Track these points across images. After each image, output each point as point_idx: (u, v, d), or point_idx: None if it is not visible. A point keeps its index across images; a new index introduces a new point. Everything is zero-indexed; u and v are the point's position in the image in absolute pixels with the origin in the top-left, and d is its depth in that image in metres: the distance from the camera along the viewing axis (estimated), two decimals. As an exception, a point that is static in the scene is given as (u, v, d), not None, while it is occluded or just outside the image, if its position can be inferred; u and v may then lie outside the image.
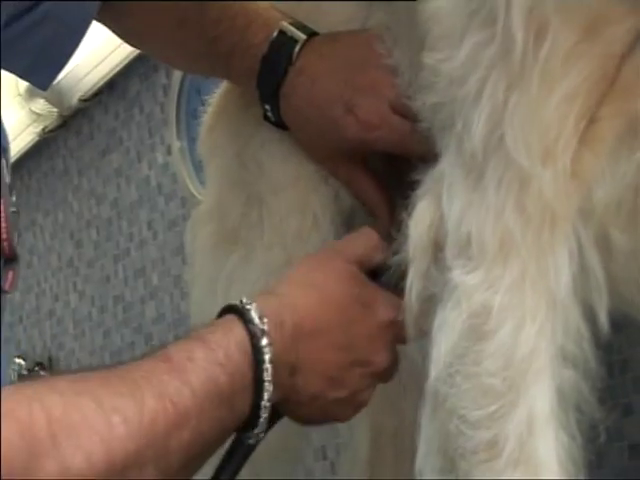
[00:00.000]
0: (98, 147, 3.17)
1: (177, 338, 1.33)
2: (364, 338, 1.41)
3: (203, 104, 2.29)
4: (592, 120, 1.11)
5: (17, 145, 3.21)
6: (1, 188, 1.50)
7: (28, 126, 3.29)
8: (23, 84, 3.11)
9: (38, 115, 3.23)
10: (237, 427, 1.34)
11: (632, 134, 1.11)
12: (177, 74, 2.73)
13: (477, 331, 1.17)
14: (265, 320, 1.31)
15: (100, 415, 1.16)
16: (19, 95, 3.19)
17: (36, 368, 2.96)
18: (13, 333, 2.66)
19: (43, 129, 3.29)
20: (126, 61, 2.90)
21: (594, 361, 1.19)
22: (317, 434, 1.61)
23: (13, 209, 1.50)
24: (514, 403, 1.15)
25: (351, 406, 1.43)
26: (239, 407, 1.31)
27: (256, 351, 1.30)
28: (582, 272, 1.18)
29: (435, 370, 1.21)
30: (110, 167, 3.11)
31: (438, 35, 1.20)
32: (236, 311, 1.34)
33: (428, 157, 1.30)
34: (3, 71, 1.70)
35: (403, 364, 1.40)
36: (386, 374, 1.44)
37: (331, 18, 1.69)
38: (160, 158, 2.88)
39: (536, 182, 1.13)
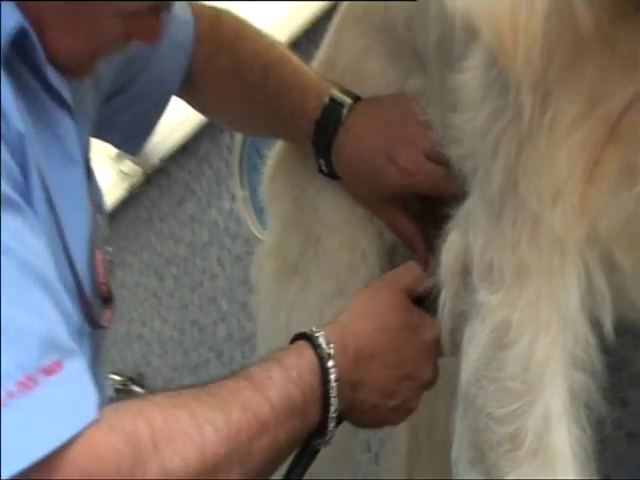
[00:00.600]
0: (175, 198, 3.18)
1: (244, 355, 1.36)
2: (412, 357, 1.44)
3: (261, 159, 2.32)
4: (595, 163, 1.11)
5: (109, 200, 3.22)
6: (100, 241, 1.50)
7: (118, 184, 3.30)
8: (114, 149, 3.14)
9: (126, 174, 3.23)
10: (308, 434, 1.36)
11: (630, 173, 1.10)
12: (239, 136, 2.74)
13: (499, 342, 1.17)
14: (331, 345, 1.35)
15: (194, 425, 1.20)
16: (110, 158, 3.20)
17: (128, 382, 2.95)
18: (109, 354, 2.64)
19: (130, 185, 3.29)
20: (197, 126, 2.90)
21: (600, 364, 1.19)
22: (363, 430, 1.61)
23: (110, 258, 1.52)
24: (532, 402, 1.15)
25: (402, 412, 1.46)
26: (310, 418, 1.34)
27: (324, 371, 1.34)
28: (589, 290, 1.17)
29: (465, 375, 1.22)
30: (185, 214, 3.12)
31: (464, 101, 1.20)
32: (307, 338, 1.38)
33: (458, 196, 1.29)
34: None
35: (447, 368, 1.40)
36: (430, 384, 1.46)
37: (373, 84, 1.69)
38: (227, 205, 2.88)
39: (546, 220, 1.13)
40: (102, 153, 3.08)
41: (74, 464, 1.11)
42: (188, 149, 3.07)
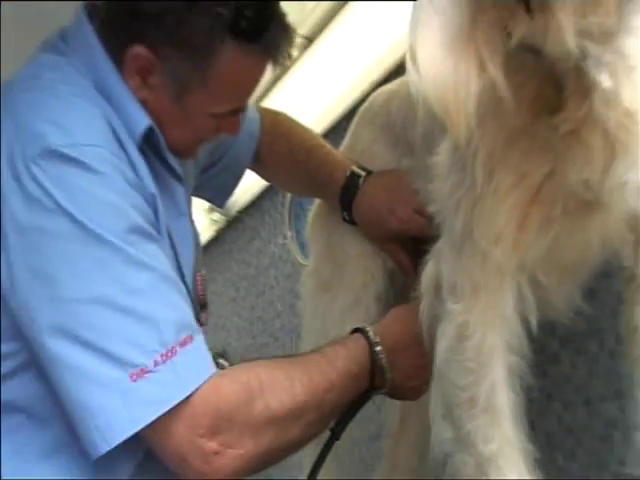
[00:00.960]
0: (247, 237, 3.19)
1: (292, 340, 1.40)
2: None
3: (303, 211, 2.34)
4: (524, 217, 1.11)
5: (203, 237, 3.19)
6: (199, 267, 1.53)
7: (209, 227, 3.29)
8: (207, 203, 3.13)
9: (215, 221, 3.24)
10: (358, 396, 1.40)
11: (547, 223, 1.09)
12: (288, 195, 2.75)
13: (461, 336, 1.17)
14: (378, 338, 1.39)
15: (288, 380, 1.28)
16: (204, 210, 3.20)
17: (217, 357, 2.97)
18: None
19: (218, 228, 3.31)
20: (261, 189, 2.92)
21: (527, 349, 1.19)
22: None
23: (204, 277, 1.53)
24: (483, 376, 1.16)
25: (419, 391, 1.44)
26: (362, 384, 1.37)
27: (373, 354, 1.37)
28: (520, 300, 1.17)
29: (438, 358, 1.22)
30: (254, 247, 3.13)
31: (437, 175, 1.19)
32: (361, 331, 1.41)
33: (433, 238, 1.28)
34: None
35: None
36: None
37: (378, 162, 1.70)
38: (280, 241, 2.89)
39: (491, 255, 1.13)
40: (198, 207, 3.08)
41: (207, 401, 1.19)
42: (255, 204, 3.07)
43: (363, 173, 1.68)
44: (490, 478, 1.15)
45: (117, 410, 1.14)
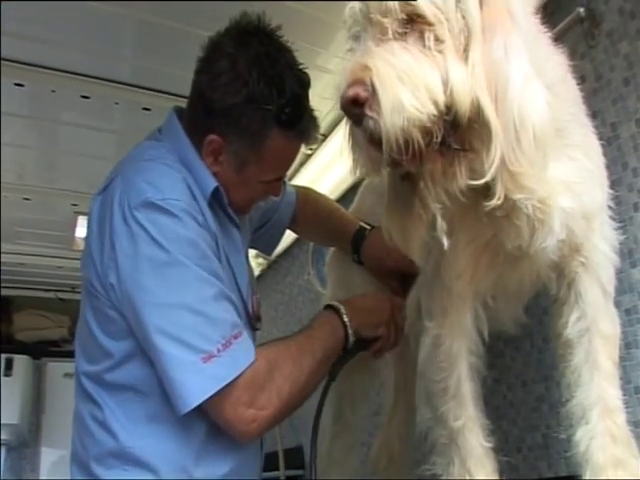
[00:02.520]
0: (282, 273, 3.15)
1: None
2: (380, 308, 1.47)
3: (322, 255, 2.33)
4: (477, 262, 1.10)
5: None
6: (254, 290, 1.53)
7: (255, 268, 3.27)
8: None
9: (259, 264, 3.22)
10: (340, 348, 1.39)
11: (493, 265, 1.09)
12: (311, 244, 2.75)
13: (435, 344, 1.15)
14: (343, 309, 1.40)
15: (291, 347, 1.31)
16: (252, 256, 3.18)
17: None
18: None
19: (261, 269, 3.28)
20: (292, 240, 2.86)
21: (482, 351, 1.19)
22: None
23: (258, 299, 1.53)
24: (452, 372, 1.15)
25: (374, 328, 1.45)
26: (340, 341, 1.38)
27: (342, 320, 1.38)
28: (476, 317, 1.16)
29: (420, 361, 1.20)
30: (286, 280, 3.09)
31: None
32: (331, 307, 1.41)
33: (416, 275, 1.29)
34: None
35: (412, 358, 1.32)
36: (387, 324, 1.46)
37: (379, 220, 1.65)
38: (306, 277, 2.87)
39: (454, 287, 1.12)
40: (252, 252, 3.08)
41: (248, 375, 1.20)
42: (288, 251, 3.04)
43: (368, 227, 1.66)
44: (458, 444, 1.15)
45: (193, 383, 1.17)
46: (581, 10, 1.50)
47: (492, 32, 0.88)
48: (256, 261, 3.16)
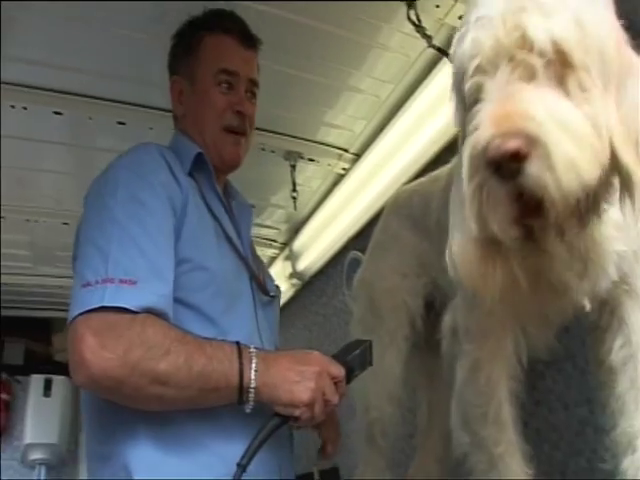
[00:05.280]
0: (317, 294, 3.11)
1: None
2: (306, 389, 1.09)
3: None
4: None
5: (287, 295, 3.26)
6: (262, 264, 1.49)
7: (291, 288, 3.26)
8: (289, 270, 3.12)
9: (293, 284, 3.19)
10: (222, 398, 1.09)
11: (537, 290, 1.04)
12: (345, 264, 2.69)
13: (474, 367, 1.14)
14: (254, 363, 1.09)
15: (169, 328, 1.07)
16: (286, 277, 3.16)
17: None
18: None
19: (295, 290, 3.25)
20: (325, 260, 2.89)
21: (522, 376, 1.16)
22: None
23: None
24: (491, 397, 1.12)
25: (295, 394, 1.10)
26: (231, 361, 1.08)
27: (243, 350, 1.10)
28: (516, 342, 1.13)
29: (458, 383, 1.17)
30: (321, 301, 3.06)
31: None
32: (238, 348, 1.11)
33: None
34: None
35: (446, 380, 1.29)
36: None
37: (404, 243, 1.65)
38: (340, 297, 2.82)
39: (495, 312, 1.09)
40: (281, 274, 3.08)
41: (114, 317, 1.05)
42: (322, 271, 3.03)
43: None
44: (499, 470, 1.12)
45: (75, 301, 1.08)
46: None
47: (625, 74, 0.82)
48: (290, 282, 3.15)
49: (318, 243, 2.87)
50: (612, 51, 0.81)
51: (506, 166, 0.76)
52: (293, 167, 2.41)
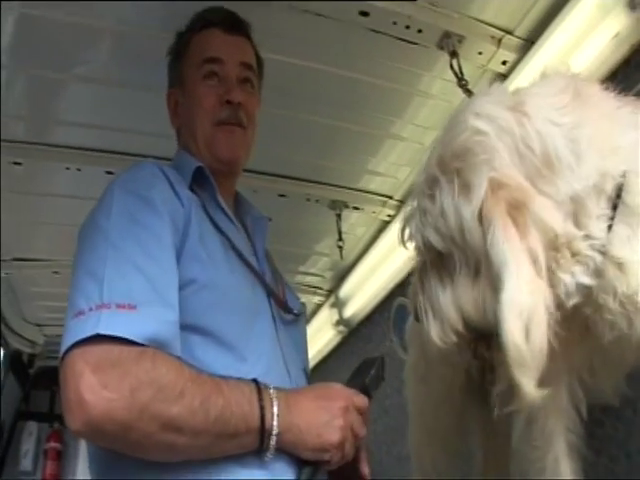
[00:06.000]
0: (364, 340, 3.08)
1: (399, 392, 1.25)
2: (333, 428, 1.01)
3: (403, 322, 2.21)
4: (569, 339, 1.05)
5: (333, 342, 3.26)
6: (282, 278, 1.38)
7: (337, 335, 3.25)
8: (335, 317, 3.11)
9: (340, 331, 3.17)
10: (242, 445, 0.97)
11: (586, 339, 1.07)
12: (393, 311, 2.70)
13: (529, 420, 1.13)
14: (276, 405, 0.98)
15: (182, 367, 0.95)
16: (332, 324, 3.15)
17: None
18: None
19: (342, 337, 3.24)
20: (372, 307, 2.89)
21: (581, 429, 1.14)
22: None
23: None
24: (548, 451, 1.12)
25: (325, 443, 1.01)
26: (252, 404, 0.97)
27: (264, 392, 0.99)
28: (572, 394, 1.13)
29: (514, 437, 1.17)
30: (369, 348, 3.01)
31: None
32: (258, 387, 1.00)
33: None
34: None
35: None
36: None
37: None
38: (388, 344, 2.80)
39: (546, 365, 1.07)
40: (328, 321, 3.11)
41: (116, 349, 0.92)
42: (369, 318, 3.01)
43: None
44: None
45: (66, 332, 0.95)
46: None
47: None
48: (337, 329, 3.15)
49: (364, 290, 2.86)
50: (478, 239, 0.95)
51: None
52: (339, 216, 2.42)
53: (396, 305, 2.66)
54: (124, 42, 1.67)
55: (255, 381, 1.00)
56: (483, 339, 0.96)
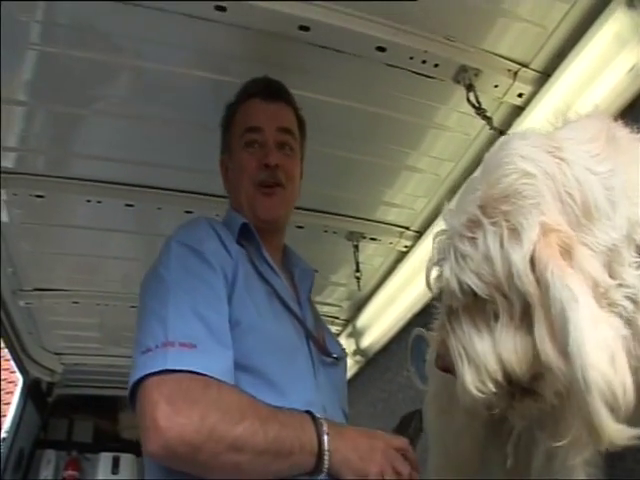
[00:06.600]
0: (381, 370, 3.07)
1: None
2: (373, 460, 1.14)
3: (420, 352, 2.29)
4: None
5: (353, 370, 3.23)
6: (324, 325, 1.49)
7: (356, 364, 3.23)
8: (352, 347, 3.10)
9: (357, 361, 3.15)
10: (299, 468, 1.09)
11: None
12: (410, 341, 2.68)
13: (548, 454, 1.11)
14: (326, 428, 1.11)
15: (244, 393, 1.09)
16: (350, 353, 3.11)
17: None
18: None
19: (359, 367, 3.21)
20: (389, 337, 2.88)
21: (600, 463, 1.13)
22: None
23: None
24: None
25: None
26: (308, 431, 1.10)
27: (318, 423, 1.12)
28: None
29: (534, 471, 1.15)
30: (385, 377, 3.02)
31: None
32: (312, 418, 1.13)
33: None
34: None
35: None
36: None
37: None
38: (405, 374, 2.79)
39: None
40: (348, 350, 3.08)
41: (185, 379, 1.05)
42: (386, 348, 3.00)
43: None
44: None
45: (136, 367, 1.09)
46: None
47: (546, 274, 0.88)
48: (354, 358, 3.14)
49: (381, 320, 2.86)
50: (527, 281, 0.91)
51: None
52: (356, 247, 2.43)
53: (413, 335, 2.65)
54: (142, 77, 1.72)
55: (307, 410, 1.13)
56: (523, 390, 0.93)
